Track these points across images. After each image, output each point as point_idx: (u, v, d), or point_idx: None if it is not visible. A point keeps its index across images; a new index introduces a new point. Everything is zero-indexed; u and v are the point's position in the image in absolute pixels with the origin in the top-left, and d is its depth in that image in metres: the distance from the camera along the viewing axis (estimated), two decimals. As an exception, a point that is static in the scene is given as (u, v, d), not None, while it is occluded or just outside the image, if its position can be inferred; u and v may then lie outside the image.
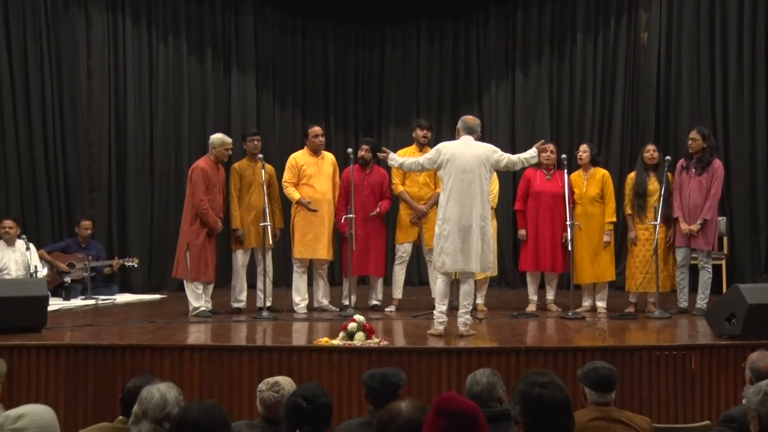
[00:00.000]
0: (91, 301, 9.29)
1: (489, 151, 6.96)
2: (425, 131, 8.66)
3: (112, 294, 9.85)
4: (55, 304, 8.44)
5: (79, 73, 10.65)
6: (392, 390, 4.31)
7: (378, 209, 8.50)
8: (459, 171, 6.79)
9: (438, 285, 6.99)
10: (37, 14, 10.33)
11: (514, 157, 7.11)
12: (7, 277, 8.96)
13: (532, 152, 7.19)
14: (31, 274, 8.91)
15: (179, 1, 11.10)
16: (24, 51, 10.27)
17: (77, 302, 9.27)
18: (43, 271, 9.34)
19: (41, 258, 9.49)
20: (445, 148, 6.96)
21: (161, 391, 3.57)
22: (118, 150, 10.81)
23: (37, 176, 10.37)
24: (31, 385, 6.33)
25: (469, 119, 7.15)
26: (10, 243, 9.24)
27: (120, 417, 4.02)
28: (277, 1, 11.59)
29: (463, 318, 6.85)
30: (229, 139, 8.45)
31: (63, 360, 6.43)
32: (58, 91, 10.50)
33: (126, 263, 10.06)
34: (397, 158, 7.54)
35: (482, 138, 7.28)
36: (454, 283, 7.14)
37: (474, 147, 6.93)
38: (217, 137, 8.44)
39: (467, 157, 6.82)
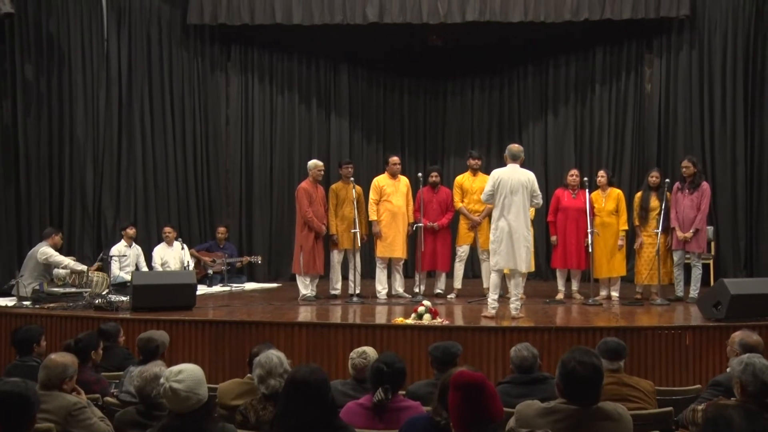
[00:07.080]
0: (227, 288, 9.44)
1: (532, 178, 6.87)
2: (476, 160, 8.66)
3: (242, 283, 9.97)
4: (201, 289, 8.60)
5: (220, 119, 10.84)
6: (452, 358, 4.31)
7: (435, 223, 8.42)
8: (508, 192, 6.72)
9: (492, 279, 6.91)
10: (193, 75, 10.58)
11: (538, 199, 6.92)
12: (168, 269, 9.19)
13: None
14: (184, 267, 9.10)
15: (293, 64, 11.21)
16: (182, 102, 10.52)
17: (217, 288, 9.45)
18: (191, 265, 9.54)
19: (192, 255, 9.70)
20: (497, 174, 6.89)
21: (275, 354, 3.67)
22: (246, 175, 10.94)
23: (189, 194, 10.57)
24: (185, 349, 6.50)
25: (514, 148, 7.03)
26: (170, 244, 9.49)
27: (248, 374, 4.09)
28: (365, 63, 11.64)
29: (515, 304, 6.80)
30: (320, 163, 8.57)
31: (207, 331, 6.60)
32: (204, 132, 10.69)
33: (252, 260, 10.19)
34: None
35: (524, 164, 7.12)
36: (503, 278, 7.07)
37: (519, 173, 6.83)
38: (311, 162, 8.58)
39: (514, 181, 6.74)
